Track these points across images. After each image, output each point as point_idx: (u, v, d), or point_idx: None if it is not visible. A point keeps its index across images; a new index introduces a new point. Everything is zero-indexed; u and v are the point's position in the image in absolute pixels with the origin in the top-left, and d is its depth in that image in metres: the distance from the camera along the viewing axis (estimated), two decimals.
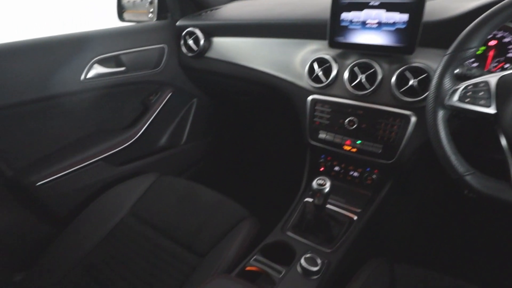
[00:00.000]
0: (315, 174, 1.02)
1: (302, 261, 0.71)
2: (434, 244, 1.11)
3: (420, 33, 0.76)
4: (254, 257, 0.76)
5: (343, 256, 0.77)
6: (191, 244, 0.88)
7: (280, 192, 1.11)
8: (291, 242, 0.80)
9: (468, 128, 0.72)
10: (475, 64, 0.80)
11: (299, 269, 0.71)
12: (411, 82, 0.80)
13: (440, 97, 0.61)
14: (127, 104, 1.26)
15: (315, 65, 0.95)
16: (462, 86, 0.60)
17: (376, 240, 0.97)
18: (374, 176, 0.94)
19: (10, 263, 0.99)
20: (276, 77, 1.06)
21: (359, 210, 0.91)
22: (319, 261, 0.71)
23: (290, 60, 1.03)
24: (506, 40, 0.76)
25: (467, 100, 0.59)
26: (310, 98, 0.97)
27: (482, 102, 0.58)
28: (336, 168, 1.01)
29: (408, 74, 0.81)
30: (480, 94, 0.59)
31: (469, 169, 0.60)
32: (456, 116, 0.72)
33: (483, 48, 0.79)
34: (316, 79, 0.95)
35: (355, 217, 0.89)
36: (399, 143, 0.84)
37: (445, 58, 0.62)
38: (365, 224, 0.87)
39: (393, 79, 0.82)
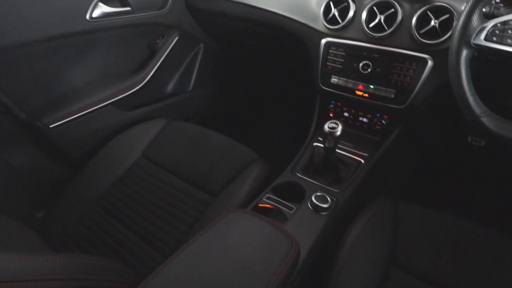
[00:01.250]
0: (324, 119, 1.02)
1: (313, 198, 0.74)
2: (437, 187, 1.15)
3: None
4: (266, 195, 0.79)
5: (350, 195, 0.81)
6: (203, 184, 0.91)
7: (289, 138, 1.12)
8: (301, 182, 0.83)
9: (488, 71, 0.71)
10: (501, 4, 0.76)
11: (310, 206, 0.75)
12: (432, 23, 0.77)
13: (466, 36, 0.60)
14: (134, 48, 1.22)
15: (332, 5, 0.90)
16: (490, 24, 0.58)
17: (382, 182, 1.00)
18: (383, 122, 0.94)
19: (31, 200, 1.04)
20: (289, 18, 1.02)
21: (366, 154, 0.93)
22: (328, 198, 0.75)
23: (305, 0, 0.98)
24: None
25: (495, 39, 0.58)
26: (324, 41, 0.94)
27: (510, 41, 0.57)
28: (346, 114, 1.01)
29: (430, 14, 0.77)
30: (509, 32, 0.57)
31: (486, 110, 0.61)
32: (478, 58, 0.70)
33: None
34: (332, 21, 0.91)
35: (363, 161, 0.92)
36: (413, 87, 0.83)
37: None
38: (372, 167, 0.89)
39: (414, 19, 0.79)
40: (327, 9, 0.91)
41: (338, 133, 0.79)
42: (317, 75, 0.98)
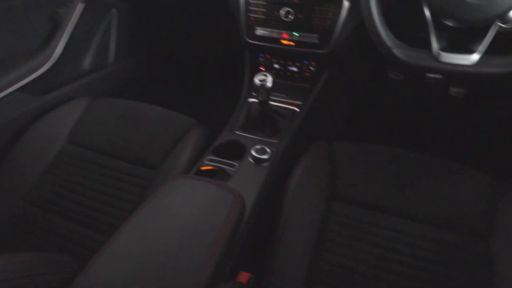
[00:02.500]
0: (255, 74, 1.02)
1: (253, 152, 0.76)
2: (368, 123, 1.25)
3: None
4: (207, 158, 0.78)
5: (288, 143, 0.83)
6: (142, 159, 0.87)
7: (225, 97, 1.10)
8: (241, 139, 0.83)
9: (396, 6, 0.74)
10: None
11: (250, 159, 0.76)
12: None
13: None
14: (31, 21, 1.05)
15: None
16: None
17: (318, 126, 1.05)
18: (312, 68, 0.97)
19: None
20: None
21: (300, 103, 0.96)
22: (268, 150, 0.76)
23: None
24: None
25: None
26: None
27: None
28: (276, 66, 1.02)
29: None
30: None
31: (397, 42, 0.64)
32: None
33: None
34: None
35: (297, 109, 0.94)
36: (334, 30, 0.85)
37: None
38: (306, 114, 0.93)
39: None
40: None
41: (269, 84, 0.79)
42: (241, 29, 0.95)
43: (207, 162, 0.77)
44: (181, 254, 0.47)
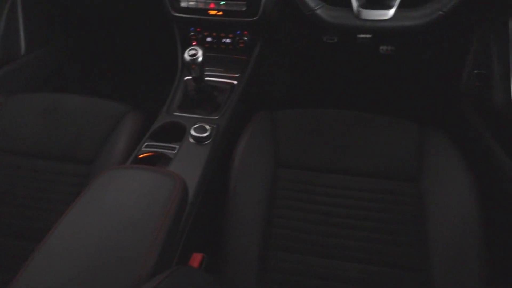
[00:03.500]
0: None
1: (192, 131, 0.73)
2: (308, 87, 1.27)
3: None
4: (145, 144, 0.74)
5: (229, 118, 0.81)
6: (74, 155, 0.80)
7: (159, 78, 1.04)
8: (179, 120, 0.80)
9: None
10: None
11: (191, 140, 0.73)
12: None
13: None
14: None
15: None
16: None
17: (259, 96, 1.04)
18: (245, 38, 0.94)
19: None
20: None
21: (238, 75, 0.93)
22: (208, 127, 0.74)
23: None
24: None
25: None
26: None
27: None
28: (209, 39, 0.97)
29: None
30: None
31: (319, 3, 0.64)
32: None
33: None
34: None
35: (236, 82, 0.92)
36: None
37: None
38: (245, 85, 0.91)
39: None
40: None
41: (200, 58, 0.75)
42: (165, 2, 0.89)
43: (145, 149, 0.73)
44: (120, 247, 0.44)
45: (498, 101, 0.77)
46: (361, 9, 0.62)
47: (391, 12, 0.61)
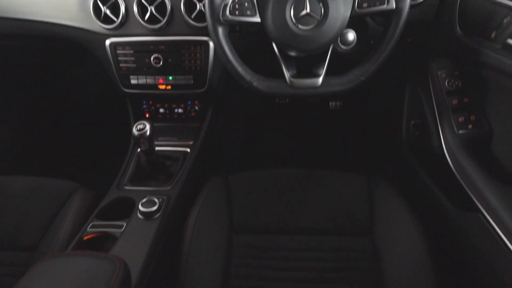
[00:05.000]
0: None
1: (140, 206, 0.71)
2: (262, 148, 1.30)
3: None
4: (90, 224, 0.70)
5: (181, 187, 0.81)
6: (14, 243, 0.74)
7: (111, 153, 1.03)
8: (129, 194, 0.78)
9: (249, 40, 0.81)
10: None
11: (139, 215, 0.71)
12: (198, 7, 0.82)
13: (215, 14, 0.65)
14: None
15: (100, 3, 0.84)
16: (230, 0, 0.65)
17: (212, 161, 1.05)
18: (196, 108, 0.98)
19: None
20: (62, 25, 0.90)
21: (191, 142, 0.95)
22: (157, 200, 0.72)
23: (71, 3, 0.88)
24: None
25: (237, 12, 0.65)
26: (108, 42, 0.88)
27: (248, 12, 0.65)
28: (161, 110, 1.00)
29: None
30: (246, 5, 0.64)
31: (254, 75, 0.69)
32: (238, 31, 0.79)
33: None
34: (106, 19, 0.85)
35: (189, 150, 0.93)
36: (206, 69, 0.88)
37: None
38: (198, 152, 0.92)
39: (182, 6, 0.82)
40: (97, 8, 0.84)
41: (149, 132, 0.76)
42: (115, 79, 0.92)
43: (91, 230, 0.69)
44: None
45: (436, 150, 0.83)
46: (292, 79, 0.67)
47: (320, 80, 0.67)
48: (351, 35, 0.76)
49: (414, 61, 0.95)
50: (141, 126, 0.76)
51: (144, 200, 0.72)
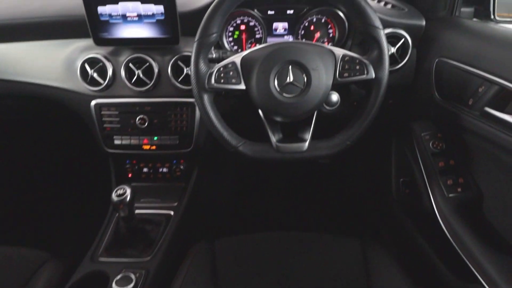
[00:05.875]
0: (124, 183, 0.94)
1: (114, 285, 0.64)
2: (249, 210, 1.26)
3: (179, 23, 0.79)
4: None
5: (162, 257, 0.75)
6: None
7: (88, 217, 0.97)
8: (103, 268, 0.71)
9: (234, 103, 0.81)
10: (235, 47, 0.91)
11: None
12: (185, 71, 0.83)
13: (200, 82, 0.65)
14: None
15: (87, 67, 0.85)
16: (215, 69, 0.66)
17: (197, 225, 1.00)
18: (182, 167, 0.95)
19: None
20: (47, 86, 0.89)
21: (175, 204, 0.91)
22: (133, 276, 0.66)
23: (58, 64, 0.88)
24: (251, 24, 0.89)
25: (222, 80, 0.65)
26: (93, 103, 0.87)
27: (233, 80, 0.65)
28: (145, 170, 0.97)
29: (181, 63, 0.83)
30: (231, 73, 0.65)
31: (240, 140, 0.68)
32: (223, 96, 0.80)
33: (237, 32, 0.89)
34: (93, 82, 0.85)
35: (172, 212, 0.88)
36: (192, 130, 0.87)
37: (195, 45, 0.65)
38: (182, 215, 0.87)
39: (169, 70, 0.83)
40: (84, 71, 0.85)
41: (128, 197, 0.72)
42: (98, 139, 0.90)
43: None
44: None
45: (428, 210, 0.81)
46: (279, 144, 0.67)
47: (306, 144, 0.66)
48: (334, 97, 0.77)
49: (397, 122, 0.97)
50: (121, 192, 0.73)
51: (119, 276, 0.66)
